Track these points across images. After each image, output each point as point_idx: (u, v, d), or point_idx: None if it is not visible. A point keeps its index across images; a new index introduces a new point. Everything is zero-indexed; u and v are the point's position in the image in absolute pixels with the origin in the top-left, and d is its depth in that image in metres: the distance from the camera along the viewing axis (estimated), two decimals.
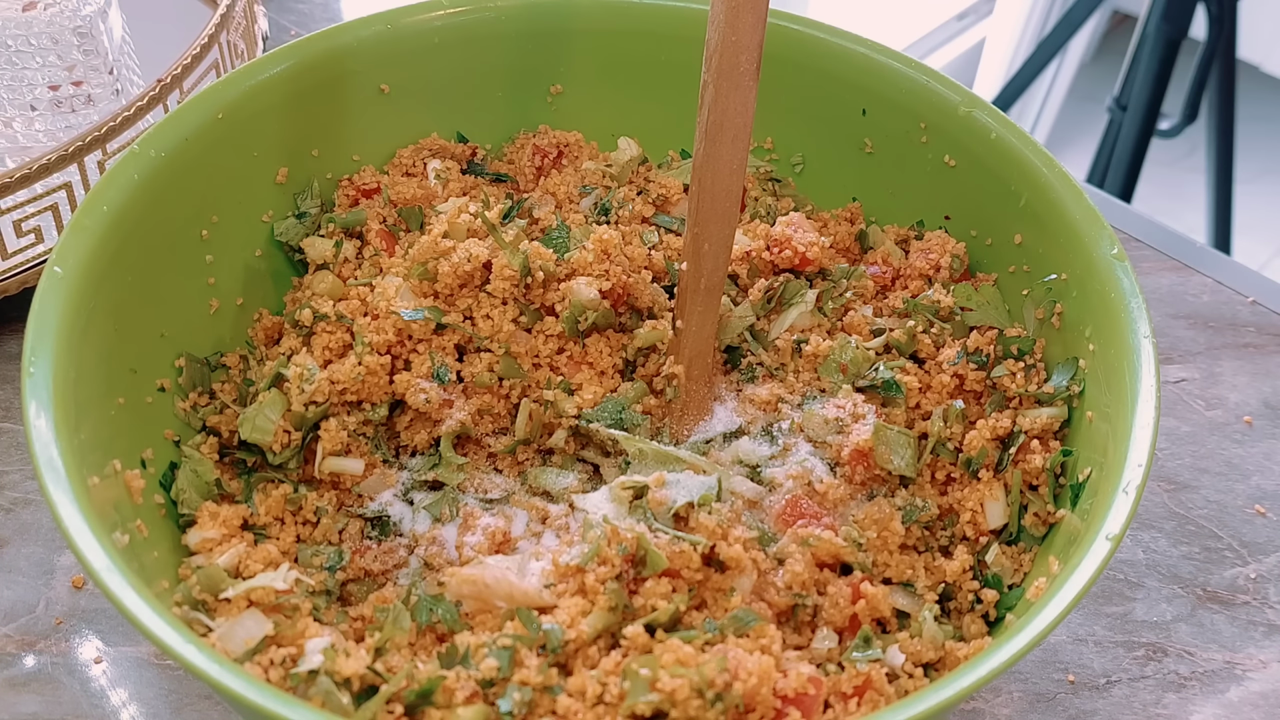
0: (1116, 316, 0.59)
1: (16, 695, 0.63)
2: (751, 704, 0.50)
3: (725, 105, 0.59)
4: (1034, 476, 0.60)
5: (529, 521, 0.61)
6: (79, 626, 0.66)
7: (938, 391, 0.64)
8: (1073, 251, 0.62)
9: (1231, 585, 0.70)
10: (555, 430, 0.65)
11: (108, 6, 0.88)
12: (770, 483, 0.61)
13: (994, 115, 0.68)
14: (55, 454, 0.50)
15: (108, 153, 0.78)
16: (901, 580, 0.59)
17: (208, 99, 0.66)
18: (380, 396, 0.63)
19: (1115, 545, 0.50)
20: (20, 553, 0.69)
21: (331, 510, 0.62)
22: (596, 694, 0.50)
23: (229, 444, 0.63)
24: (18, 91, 0.87)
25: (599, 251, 0.66)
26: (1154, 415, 0.54)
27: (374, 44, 0.71)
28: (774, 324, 0.68)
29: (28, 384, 0.52)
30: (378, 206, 0.72)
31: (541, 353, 0.65)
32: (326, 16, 1.13)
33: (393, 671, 0.52)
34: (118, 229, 0.59)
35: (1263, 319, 0.85)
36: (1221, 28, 1.64)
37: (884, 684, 0.53)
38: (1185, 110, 1.76)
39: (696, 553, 0.55)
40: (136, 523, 0.54)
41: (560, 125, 0.77)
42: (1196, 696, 0.65)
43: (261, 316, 0.69)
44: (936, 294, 0.68)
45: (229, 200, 0.67)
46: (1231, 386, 0.81)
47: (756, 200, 0.76)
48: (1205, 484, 0.75)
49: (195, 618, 0.53)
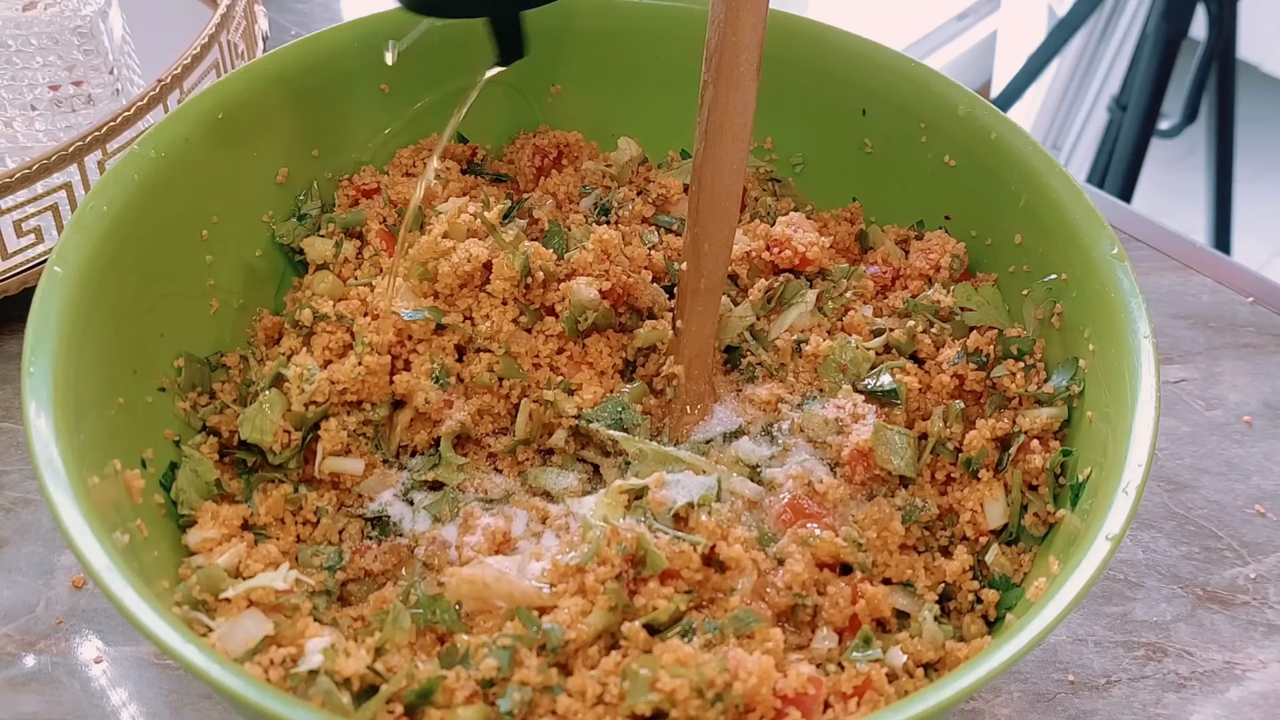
0: (1116, 316, 0.59)
1: (16, 695, 0.63)
2: (751, 704, 0.50)
3: (725, 105, 0.59)
4: (1034, 476, 0.60)
5: (529, 521, 0.61)
6: (79, 626, 0.66)
7: (938, 392, 0.64)
8: (1073, 251, 0.62)
9: (1231, 585, 0.70)
10: (555, 430, 0.65)
11: (108, 6, 0.88)
12: (770, 483, 0.61)
13: (994, 115, 0.68)
14: (55, 454, 0.50)
15: (108, 153, 0.78)
16: (901, 580, 0.59)
17: (208, 99, 0.66)
18: (380, 396, 0.63)
19: (1115, 545, 0.50)
20: (20, 553, 0.69)
21: (331, 510, 0.62)
22: (596, 694, 0.50)
23: (229, 444, 0.63)
24: (18, 91, 0.87)
25: (599, 251, 0.66)
26: (1154, 415, 0.54)
27: (374, 44, 0.71)
28: (774, 324, 0.68)
29: (28, 384, 0.52)
30: (378, 206, 0.72)
31: (541, 353, 0.65)
32: (326, 16, 1.13)
33: (393, 671, 0.52)
34: (118, 229, 0.59)
35: (1263, 319, 0.85)
36: (1221, 28, 1.64)
37: (884, 684, 0.53)
38: (1185, 110, 1.76)
39: (696, 553, 0.55)
40: (136, 523, 0.54)
41: (560, 125, 0.77)
42: (1196, 696, 0.65)
43: (261, 316, 0.69)
44: (936, 294, 0.68)
45: (229, 200, 0.67)
46: (1231, 386, 0.81)
47: (756, 200, 0.76)
48: (1205, 484, 0.75)
49: (195, 618, 0.53)
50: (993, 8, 2.39)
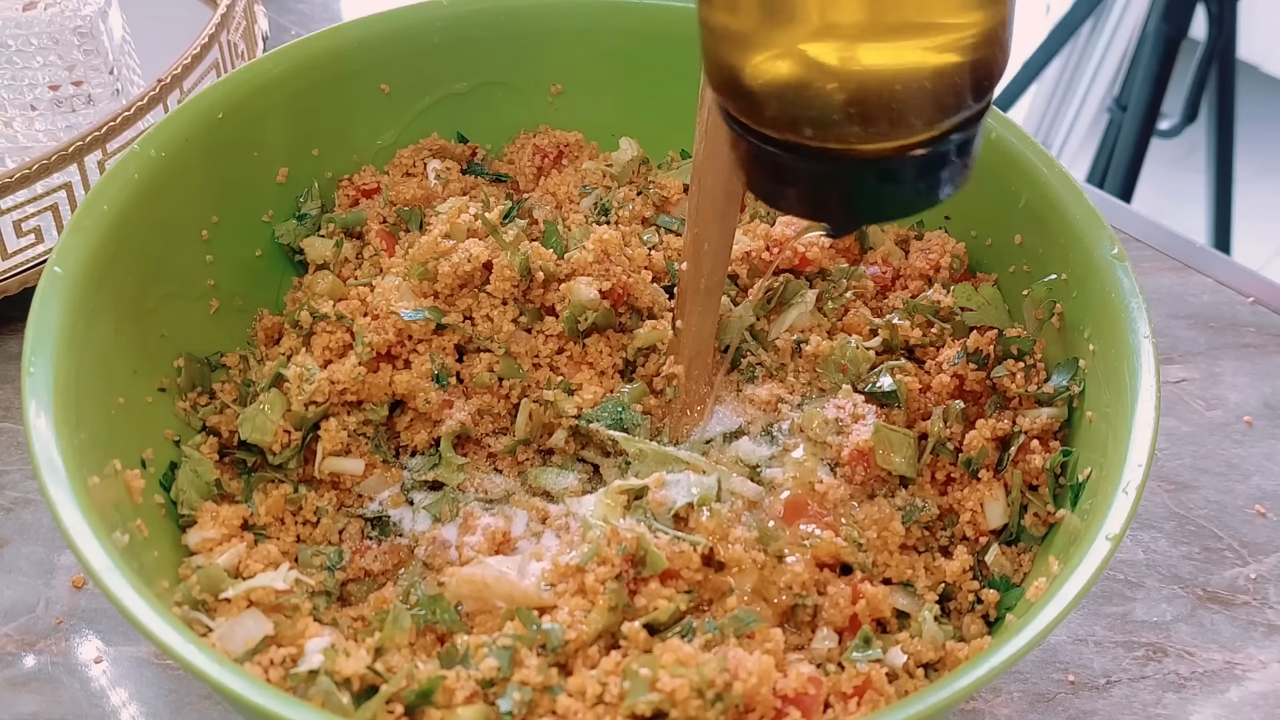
0: (1116, 317, 0.59)
1: (16, 695, 0.63)
2: (751, 704, 0.50)
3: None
4: (1034, 476, 0.60)
5: (529, 521, 0.61)
6: (79, 626, 0.66)
7: (938, 392, 0.64)
8: (1073, 252, 0.62)
9: (1231, 585, 0.70)
10: (555, 430, 0.65)
11: (108, 6, 0.88)
12: (770, 483, 0.61)
13: (994, 115, 0.68)
14: (55, 454, 0.50)
15: (108, 153, 0.78)
16: (901, 580, 0.59)
17: (208, 99, 0.66)
18: (380, 397, 0.63)
19: (1115, 545, 0.50)
20: (20, 553, 0.69)
21: (331, 510, 0.62)
22: (596, 694, 0.50)
23: (229, 444, 0.63)
24: (18, 91, 0.87)
25: (599, 251, 0.66)
26: (1154, 415, 0.54)
27: (374, 44, 0.71)
28: (774, 324, 0.68)
29: (28, 384, 0.52)
30: (378, 206, 0.72)
31: (541, 353, 0.65)
32: (326, 16, 1.13)
33: (393, 671, 0.52)
34: (118, 229, 0.59)
35: (1263, 319, 0.85)
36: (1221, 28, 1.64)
37: (884, 684, 0.53)
38: (1185, 110, 1.76)
39: (696, 553, 0.55)
40: (136, 523, 0.54)
41: (560, 125, 0.77)
42: (1196, 696, 0.65)
43: (261, 316, 0.69)
44: (936, 294, 0.68)
45: (229, 200, 0.67)
46: (1231, 386, 0.81)
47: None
48: (1205, 484, 0.75)
49: (195, 618, 0.53)
50: None
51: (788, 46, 0.42)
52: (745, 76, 0.43)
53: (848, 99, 0.41)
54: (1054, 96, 2.05)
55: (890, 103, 0.42)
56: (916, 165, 0.44)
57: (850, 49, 0.41)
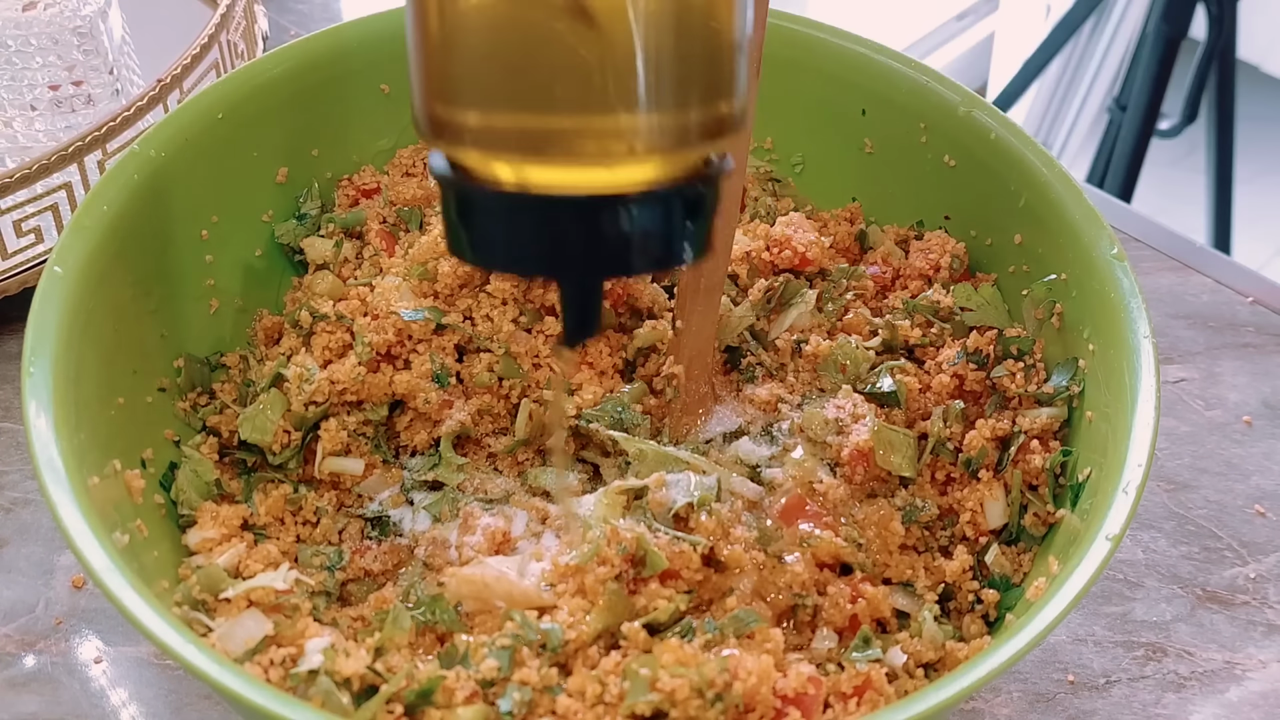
0: (1116, 316, 0.59)
1: (16, 695, 0.63)
2: (751, 704, 0.50)
3: None
4: (1034, 476, 0.60)
5: (529, 521, 0.61)
6: (79, 626, 0.66)
7: (937, 392, 0.64)
8: (1072, 251, 0.62)
9: (1231, 585, 0.70)
10: (555, 430, 0.65)
11: (108, 6, 0.88)
12: (770, 483, 0.61)
13: (994, 115, 0.68)
14: (55, 454, 0.50)
15: (108, 153, 0.78)
16: (901, 580, 0.59)
17: (208, 99, 0.66)
18: (380, 397, 0.63)
19: (1115, 545, 0.50)
20: (20, 553, 0.69)
21: (331, 510, 0.62)
22: (596, 694, 0.50)
23: (229, 444, 0.63)
24: (18, 91, 0.87)
25: None
26: (1154, 415, 0.54)
27: (374, 44, 0.71)
28: (774, 324, 0.68)
29: (28, 384, 0.52)
30: (378, 206, 0.72)
31: (541, 353, 0.65)
32: (326, 16, 1.13)
33: (393, 671, 0.52)
34: (118, 229, 0.59)
35: (1263, 319, 0.85)
36: (1221, 28, 1.64)
37: (884, 684, 0.53)
38: (1185, 110, 1.76)
39: (696, 553, 0.55)
40: (136, 523, 0.54)
41: None
42: (1196, 696, 0.65)
43: (261, 316, 0.69)
44: (936, 294, 0.68)
45: (229, 200, 0.67)
46: (1231, 386, 0.81)
47: (756, 200, 0.76)
48: (1205, 484, 0.75)
49: (195, 618, 0.53)
50: (991, 8, 2.39)
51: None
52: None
53: None
54: (1054, 96, 2.05)
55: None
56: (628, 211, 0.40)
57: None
